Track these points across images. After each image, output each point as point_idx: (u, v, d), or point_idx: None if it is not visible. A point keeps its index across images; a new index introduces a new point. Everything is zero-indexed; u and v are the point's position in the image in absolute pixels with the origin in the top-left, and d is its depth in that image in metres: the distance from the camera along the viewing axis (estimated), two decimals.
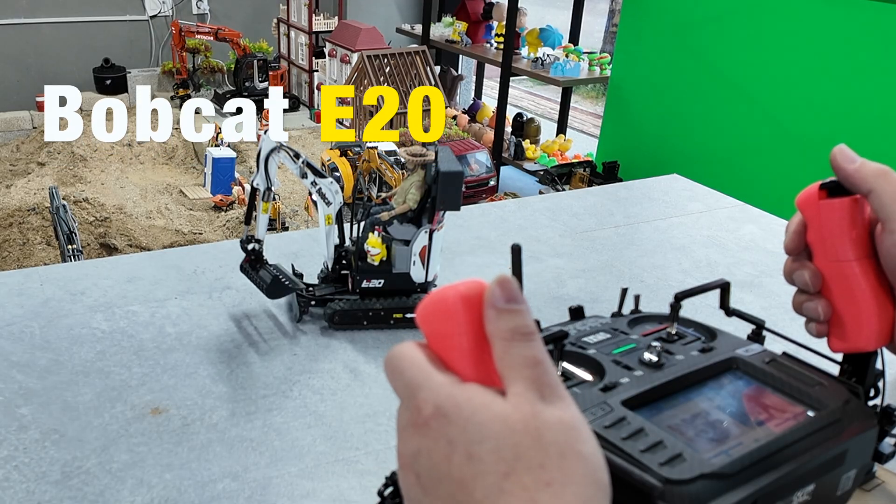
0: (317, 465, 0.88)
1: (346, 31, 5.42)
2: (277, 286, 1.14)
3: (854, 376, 0.59)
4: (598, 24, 7.80)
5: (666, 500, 0.43)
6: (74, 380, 1.00)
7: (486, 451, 0.37)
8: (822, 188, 0.58)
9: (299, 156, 1.13)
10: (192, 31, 5.77)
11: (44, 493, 0.81)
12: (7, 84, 5.76)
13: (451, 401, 0.38)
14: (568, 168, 4.60)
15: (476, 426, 0.37)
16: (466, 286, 0.40)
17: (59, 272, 1.27)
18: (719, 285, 0.60)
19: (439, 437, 0.38)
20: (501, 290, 0.39)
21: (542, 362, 0.39)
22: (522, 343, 0.39)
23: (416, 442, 0.39)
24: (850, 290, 0.57)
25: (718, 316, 0.63)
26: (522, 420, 0.37)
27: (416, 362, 0.40)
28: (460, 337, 0.40)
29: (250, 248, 1.15)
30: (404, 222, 1.12)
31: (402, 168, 3.66)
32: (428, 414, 0.38)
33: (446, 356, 0.41)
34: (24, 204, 4.31)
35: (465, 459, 0.37)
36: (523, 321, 0.39)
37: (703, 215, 1.69)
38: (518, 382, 0.38)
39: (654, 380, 0.53)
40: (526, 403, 0.38)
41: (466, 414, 0.38)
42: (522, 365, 0.39)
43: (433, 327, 0.41)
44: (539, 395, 0.38)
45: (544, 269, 1.39)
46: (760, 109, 3.64)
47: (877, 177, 0.55)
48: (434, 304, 0.40)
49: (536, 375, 0.38)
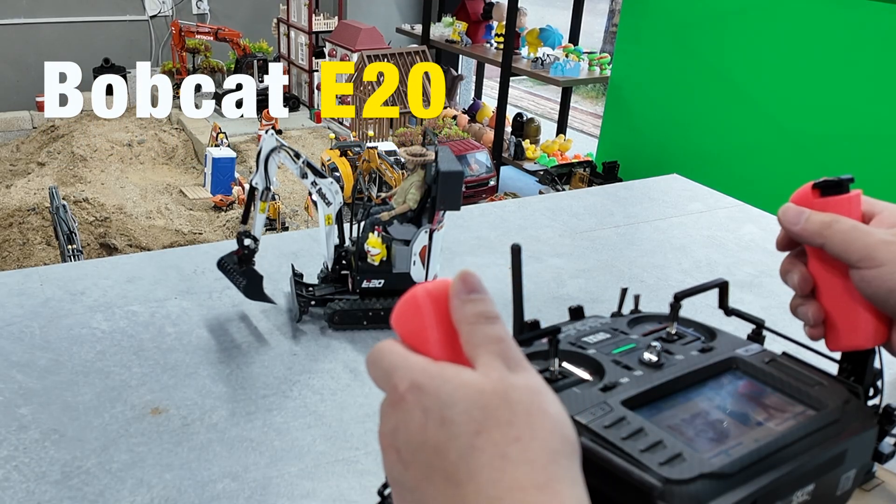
0: (317, 465, 0.88)
1: (346, 31, 5.42)
2: (256, 288, 1.13)
3: (853, 375, 0.59)
4: (598, 24, 7.80)
5: (666, 499, 0.43)
6: (74, 380, 1.00)
7: (457, 413, 0.39)
8: (814, 187, 0.59)
9: (299, 156, 1.13)
10: (192, 31, 5.77)
11: (44, 493, 0.81)
12: (7, 84, 5.76)
13: (425, 374, 0.41)
14: (568, 168, 4.59)
15: (448, 392, 0.39)
16: (433, 284, 0.43)
17: (59, 272, 1.27)
18: (718, 285, 0.60)
19: (414, 408, 0.40)
20: (464, 283, 0.43)
21: (505, 339, 0.42)
22: (486, 324, 0.42)
23: (395, 418, 0.41)
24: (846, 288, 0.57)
25: (718, 316, 0.63)
26: (490, 383, 0.40)
27: (393, 350, 0.43)
28: (430, 329, 0.43)
29: (246, 243, 1.14)
30: (404, 222, 1.12)
31: (402, 168, 3.66)
32: (404, 388, 0.41)
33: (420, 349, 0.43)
34: (24, 204, 4.30)
35: (439, 424, 0.39)
36: (486, 307, 0.42)
37: (703, 215, 1.69)
38: (485, 356, 0.41)
39: (654, 380, 0.53)
40: (494, 371, 0.40)
41: (438, 382, 0.40)
42: (488, 342, 0.41)
43: (406, 326, 0.44)
44: (505, 366, 0.41)
45: (544, 269, 1.39)
46: (760, 109, 3.64)
47: (823, 229, 0.56)
48: (404, 303, 0.44)
49: (501, 350, 0.41)
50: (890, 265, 0.54)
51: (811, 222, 0.57)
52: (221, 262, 1.17)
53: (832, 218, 0.56)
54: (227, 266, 1.16)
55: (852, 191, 0.58)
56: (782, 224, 0.59)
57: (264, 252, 1.37)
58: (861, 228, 0.56)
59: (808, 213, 0.57)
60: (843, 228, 0.56)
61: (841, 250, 0.56)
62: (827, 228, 0.56)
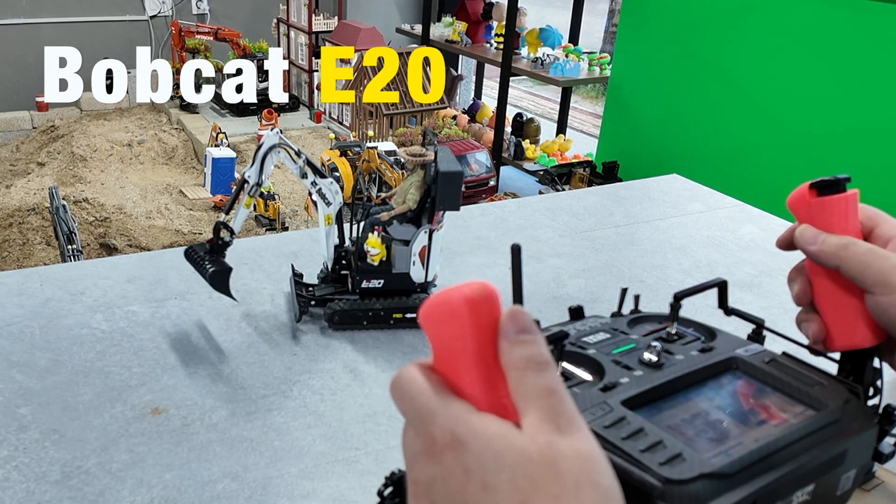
0: (317, 465, 0.88)
1: (346, 31, 5.42)
2: (223, 280, 1.10)
3: (852, 375, 0.60)
4: (598, 24, 7.80)
5: (666, 499, 0.43)
6: (74, 380, 1.00)
7: (502, 481, 0.36)
8: (811, 187, 0.59)
9: (300, 154, 1.12)
10: (192, 31, 5.77)
11: (44, 493, 0.81)
12: (7, 84, 5.76)
13: (468, 428, 0.38)
14: (568, 168, 4.59)
15: (492, 455, 0.37)
16: (471, 288, 0.39)
17: (58, 272, 1.27)
18: (717, 284, 0.61)
19: (455, 466, 0.38)
20: (513, 321, 0.39)
21: (556, 392, 0.39)
22: (536, 373, 0.39)
23: (432, 470, 0.39)
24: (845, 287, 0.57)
25: (718, 316, 0.63)
26: (539, 451, 0.37)
27: (428, 387, 0.40)
28: (465, 339, 0.39)
29: (223, 235, 1.11)
30: (404, 222, 1.12)
31: (402, 168, 3.66)
32: (445, 443, 0.38)
33: (450, 359, 0.40)
34: (24, 204, 4.30)
35: (481, 489, 0.37)
36: (537, 350, 0.39)
37: (703, 215, 1.69)
38: (533, 412, 0.38)
39: (654, 380, 0.53)
40: (542, 434, 0.37)
41: (483, 442, 0.38)
42: (537, 395, 0.38)
43: (437, 329, 0.40)
44: (555, 426, 0.38)
45: (544, 269, 1.39)
46: (760, 109, 3.64)
47: (839, 251, 0.56)
48: (438, 305, 0.40)
49: (551, 405, 0.38)
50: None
51: (827, 244, 0.57)
52: (191, 250, 1.13)
53: (848, 241, 0.56)
54: (196, 254, 1.12)
55: (849, 190, 0.58)
56: (799, 244, 0.58)
57: (264, 252, 1.37)
58: (877, 252, 0.55)
59: (825, 235, 0.57)
60: (858, 252, 0.55)
61: (856, 273, 0.55)
62: (843, 250, 0.56)
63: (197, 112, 5.74)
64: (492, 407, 0.40)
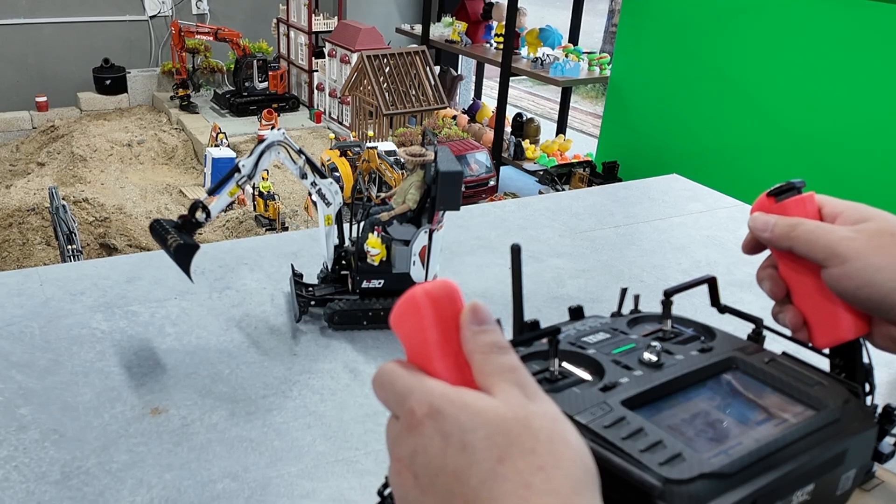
0: (316, 465, 0.88)
1: (346, 32, 5.41)
2: (186, 256, 1.06)
3: (844, 371, 0.60)
4: (598, 24, 7.81)
5: (666, 499, 0.43)
6: (74, 380, 1.00)
7: (479, 439, 0.38)
8: (769, 195, 0.62)
9: (301, 153, 1.11)
10: (192, 32, 5.76)
11: (44, 494, 0.81)
12: (7, 84, 5.76)
13: (444, 398, 0.40)
14: (568, 168, 4.59)
15: (468, 416, 0.39)
16: (431, 284, 0.43)
17: (58, 272, 1.27)
18: (706, 280, 0.61)
19: (434, 434, 0.40)
20: (474, 314, 0.43)
21: (519, 368, 0.42)
22: (500, 354, 0.42)
23: (412, 442, 0.40)
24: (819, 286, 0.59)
25: (718, 316, 0.64)
26: (511, 410, 0.39)
27: (406, 372, 0.43)
28: (429, 330, 0.42)
29: (197, 214, 1.07)
30: (404, 222, 1.12)
31: (402, 168, 3.66)
32: (422, 413, 0.40)
33: (419, 352, 0.43)
34: (24, 204, 4.30)
35: (460, 450, 0.39)
36: (498, 337, 0.43)
37: (703, 215, 1.69)
38: (501, 384, 0.41)
39: (654, 380, 0.53)
40: (513, 398, 0.40)
41: (458, 407, 0.40)
42: (503, 371, 0.41)
43: (404, 327, 0.43)
44: (523, 393, 0.41)
45: (544, 269, 1.39)
46: (760, 109, 3.64)
47: (789, 232, 0.59)
48: (403, 303, 0.43)
49: (517, 378, 0.41)
50: (853, 261, 0.56)
51: (778, 227, 0.60)
52: (157, 223, 1.09)
53: (797, 221, 0.59)
54: (163, 227, 1.08)
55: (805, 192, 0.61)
56: (753, 232, 0.62)
57: (264, 252, 1.37)
58: (824, 227, 0.58)
59: (776, 219, 0.60)
60: (807, 229, 0.58)
61: (807, 250, 0.58)
62: (792, 231, 0.59)
63: (197, 112, 5.74)
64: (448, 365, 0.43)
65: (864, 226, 0.58)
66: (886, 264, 0.55)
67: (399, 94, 4.94)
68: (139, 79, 6.07)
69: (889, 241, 0.56)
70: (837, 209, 0.60)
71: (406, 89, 4.97)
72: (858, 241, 0.56)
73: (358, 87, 5.06)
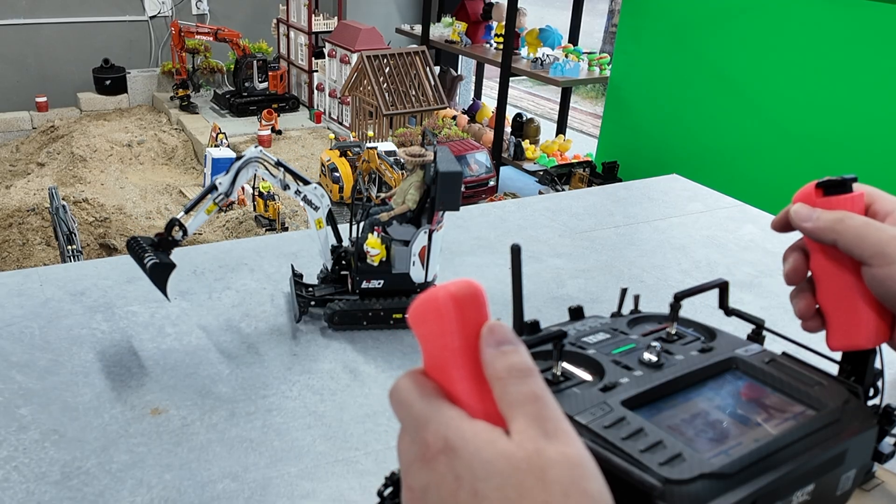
0: (316, 465, 0.88)
1: (346, 32, 5.41)
2: (163, 272, 1.06)
3: (853, 375, 0.60)
4: (598, 24, 7.81)
5: (666, 499, 0.43)
6: (74, 380, 1.00)
7: (490, 489, 0.37)
8: (818, 186, 0.59)
9: (280, 164, 1.10)
10: (192, 32, 5.76)
11: (44, 494, 0.81)
12: (7, 84, 5.76)
13: (459, 435, 0.39)
14: (567, 168, 4.59)
15: (481, 463, 0.38)
16: (456, 286, 0.40)
17: (58, 272, 1.27)
18: (718, 285, 0.61)
19: (447, 472, 0.38)
20: (492, 334, 0.40)
21: (541, 397, 0.39)
22: (519, 380, 0.39)
23: (426, 476, 0.39)
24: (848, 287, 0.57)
25: (718, 316, 0.63)
26: (526, 458, 0.37)
27: (423, 394, 0.41)
28: (451, 336, 0.40)
29: (174, 232, 1.06)
30: (403, 223, 1.12)
31: (402, 168, 3.66)
32: (437, 448, 0.39)
33: (438, 357, 0.41)
34: (24, 204, 4.30)
35: (471, 496, 0.37)
36: (518, 359, 0.40)
37: (703, 215, 1.69)
38: (520, 419, 0.39)
39: (654, 380, 0.53)
40: (529, 441, 0.38)
41: (472, 449, 0.38)
42: (522, 402, 0.39)
43: (424, 327, 0.41)
44: (542, 431, 0.38)
45: (544, 269, 1.39)
46: (760, 109, 3.64)
47: (835, 224, 0.56)
48: (424, 303, 0.41)
49: (537, 411, 0.39)
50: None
51: (822, 219, 0.57)
52: (134, 241, 1.08)
53: (844, 214, 0.56)
54: (140, 245, 1.07)
55: (856, 190, 0.58)
56: (794, 222, 0.58)
57: (264, 252, 1.37)
58: (873, 224, 0.55)
59: (820, 211, 0.57)
60: (854, 224, 0.55)
61: (854, 245, 0.55)
62: (839, 223, 0.56)
63: (197, 112, 5.74)
64: (483, 410, 0.40)
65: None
66: None
67: (399, 95, 4.94)
68: (139, 79, 6.07)
69: None
70: (888, 208, 0.58)
71: (406, 89, 4.97)
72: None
73: (358, 88, 5.06)
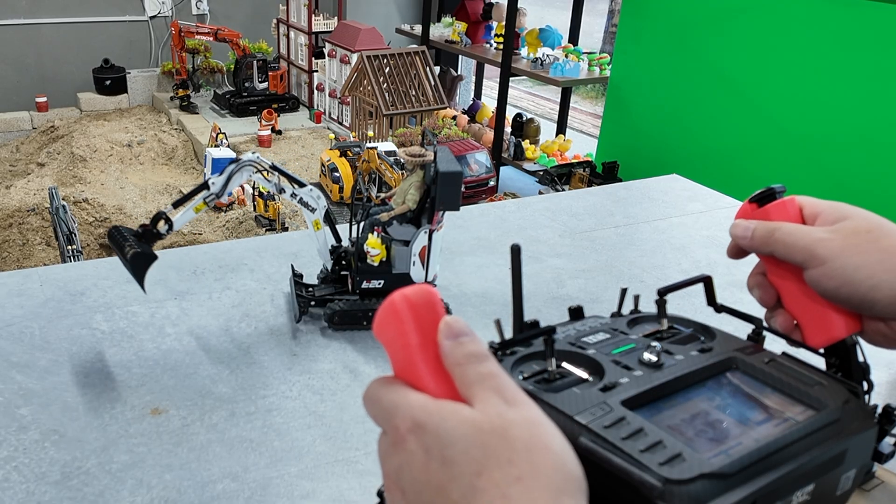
0: (316, 465, 0.88)
1: (346, 32, 5.41)
2: (143, 262, 1.04)
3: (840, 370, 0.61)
4: (598, 24, 7.81)
5: (666, 499, 0.43)
6: (74, 380, 1.00)
7: (457, 453, 0.38)
8: (751, 201, 0.63)
9: (274, 168, 1.10)
10: (192, 32, 5.76)
11: (44, 494, 0.81)
12: (7, 84, 5.76)
13: (425, 411, 0.41)
14: (567, 168, 4.59)
15: (447, 430, 0.39)
16: (410, 290, 0.43)
17: (58, 273, 1.27)
18: (701, 280, 0.62)
19: (417, 448, 0.40)
20: (449, 328, 0.43)
21: (498, 374, 0.42)
22: (478, 363, 0.42)
23: (398, 458, 0.41)
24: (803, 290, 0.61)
25: (718, 316, 0.64)
26: (488, 420, 0.39)
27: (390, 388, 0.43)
28: (410, 334, 0.43)
29: (160, 225, 1.05)
30: (404, 223, 1.12)
31: (402, 168, 3.66)
32: (406, 428, 0.41)
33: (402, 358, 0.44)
34: (24, 204, 4.30)
35: (440, 464, 0.39)
36: (475, 347, 0.42)
37: (703, 215, 1.69)
38: (481, 392, 0.41)
39: (654, 380, 0.53)
40: (491, 407, 0.40)
41: (437, 420, 0.40)
42: (482, 379, 0.41)
43: (387, 332, 0.44)
44: (502, 399, 0.40)
45: (544, 269, 1.39)
46: (760, 109, 3.64)
47: (767, 237, 0.61)
48: (384, 310, 0.43)
49: (496, 384, 0.41)
50: (832, 261, 0.57)
51: (757, 232, 0.61)
52: (116, 230, 1.07)
53: (775, 226, 0.60)
54: (122, 235, 1.06)
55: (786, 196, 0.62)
56: (734, 239, 0.63)
57: (264, 252, 1.37)
58: (802, 230, 0.59)
59: (755, 225, 0.61)
60: (785, 233, 0.59)
61: (786, 254, 0.59)
62: (771, 235, 0.60)
63: (197, 112, 5.74)
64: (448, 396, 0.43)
65: (841, 225, 0.58)
66: (863, 262, 0.56)
67: (399, 95, 4.94)
68: (139, 79, 6.07)
69: (865, 238, 0.57)
70: (817, 210, 0.61)
71: (406, 89, 4.97)
72: (835, 240, 0.57)
73: (358, 88, 5.06)
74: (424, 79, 5.04)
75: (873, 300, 0.56)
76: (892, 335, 0.59)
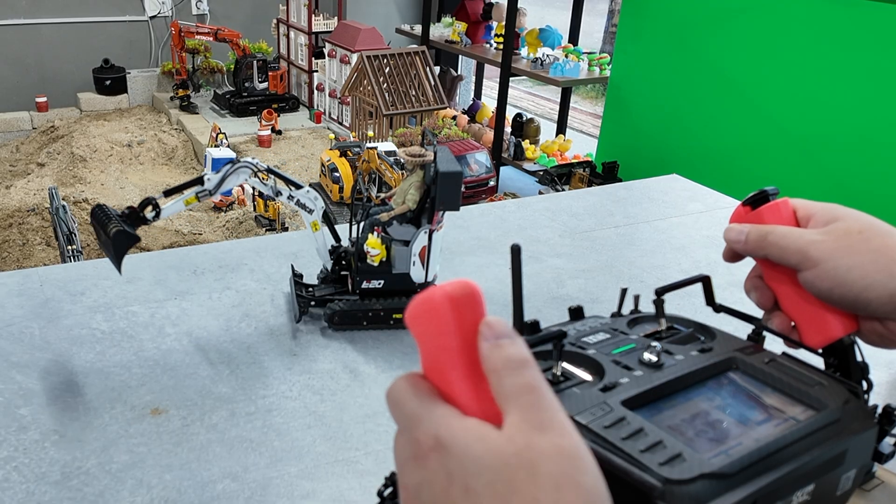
0: (316, 465, 0.88)
1: (346, 32, 5.41)
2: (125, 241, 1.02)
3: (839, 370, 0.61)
4: (598, 24, 7.81)
5: (666, 500, 0.43)
6: (74, 380, 1.00)
7: (481, 485, 0.37)
8: (744, 204, 0.64)
9: (270, 171, 1.09)
10: (192, 32, 5.76)
11: (44, 494, 0.81)
12: (7, 84, 5.76)
13: (450, 432, 0.39)
14: (567, 168, 4.59)
15: (471, 459, 0.37)
16: (452, 286, 0.41)
17: (58, 273, 1.27)
18: (700, 279, 0.62)
19: (439, 470, 0.38)
20: (489, 328, 0.40)
21: (536, 388, 0.39)
22: (515, 372, 0.39)
23: (419, 474, 0.40)
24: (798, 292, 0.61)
25: (719, 317, 0.64)
26: (516, 453, 0.37)
27: (416, 394, 0.41)
28: (448, 336, 0.40)
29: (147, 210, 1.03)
30: (404, 223, 1.12)
31: (402, 168, 3.66)
32: (428, 446, 0.39)
33: (436, 358, 0.41)
34: (24, 204, 4.30)
35: (463, 493, 0.37)
36: (515, 351, 0.40)
37: (703, 215, 1.69)
38: (513, 412, 0.39)
39: (654, 380, 0.53)
40: (520, 434, 0.38)
41: (462, 446, 0.38)
42: (516, 393, 0.39)
43: (422, 328, 0.41)
44: (535, 424, 0.38)
45: (544, 269, 1.39)
46: (760, 109, 3.64)
47: (761, 241, 0.61)
48: (422, 304, 0.41)
49: (531, 402, 0.39)
50: (824, 263, 0.57)
51: (751, 236, 0.61)
52: (99, 208, 1.05)
53: (768, 229, 0.60)
54: (106, 213, 1.03)
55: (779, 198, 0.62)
56: (728, 243, 0.64)
57: (264, 252, 1.37)
58: (794, 232, 0.59)
59: (748, 229, 0.62)
60: (778, 236, 0.60)
61: (780, 257, 0.60)
62: (764, 239, 0.60)
63: (197, 112, 5.74)
64: (480, 410, 0.40)
65: (833, 226, 0.59)
66: (856, 263, 0.56)
67: (399, 95, 4.94)
68: (139, 79, 6.07)
69: (857, 239, 0.57)
70: (810, 212, 0.61)
71: (406, 89, 4.97)
72: (827, 242, 0.58)
73: (358, 88, 5.06)
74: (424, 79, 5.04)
75: (867, 300, 0.57)
76: (888, 335, 0.59)
